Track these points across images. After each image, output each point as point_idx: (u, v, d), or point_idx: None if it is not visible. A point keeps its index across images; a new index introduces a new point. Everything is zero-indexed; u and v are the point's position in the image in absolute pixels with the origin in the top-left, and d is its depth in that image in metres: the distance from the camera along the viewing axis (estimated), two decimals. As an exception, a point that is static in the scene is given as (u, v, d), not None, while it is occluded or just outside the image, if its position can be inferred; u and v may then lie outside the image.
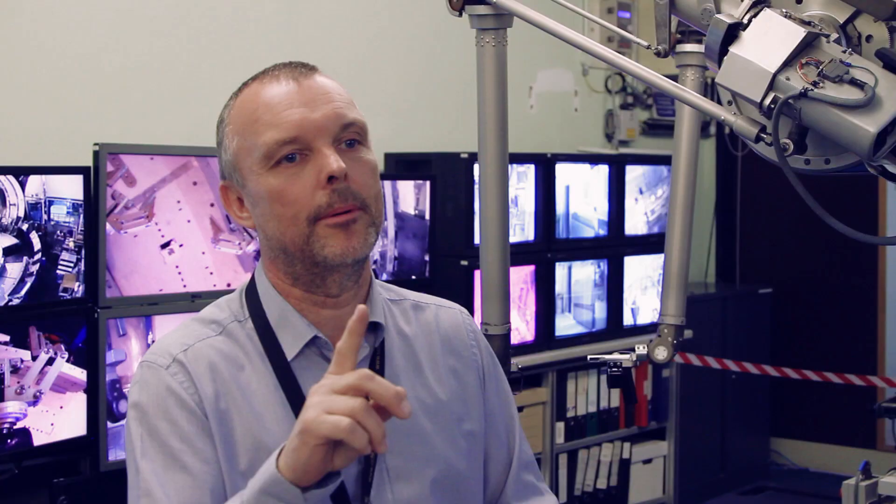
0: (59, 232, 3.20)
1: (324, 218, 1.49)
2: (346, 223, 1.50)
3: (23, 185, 3.11)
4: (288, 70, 1.55)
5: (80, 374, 3.25)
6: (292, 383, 1.51)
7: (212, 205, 3.55)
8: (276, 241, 1.52)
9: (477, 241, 2.31)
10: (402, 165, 4.60)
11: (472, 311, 4.50)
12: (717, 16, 1.53)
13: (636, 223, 5.27)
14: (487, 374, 1.72)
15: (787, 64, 1.45)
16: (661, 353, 2.51)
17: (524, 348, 4.60)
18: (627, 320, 5.19)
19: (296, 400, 1.49)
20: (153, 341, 3.39)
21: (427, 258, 4.31)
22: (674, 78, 1.87)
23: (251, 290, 1.59)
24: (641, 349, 2.53)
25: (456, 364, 1.68)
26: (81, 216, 3.26)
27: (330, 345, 1.53)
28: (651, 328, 5.10)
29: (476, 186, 4.34)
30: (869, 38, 1.53)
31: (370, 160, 1.55)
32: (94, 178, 3.29)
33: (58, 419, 3.20)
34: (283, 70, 1.56)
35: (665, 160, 5.30)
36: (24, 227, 3.12)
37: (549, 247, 4.81)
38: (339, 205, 1.49)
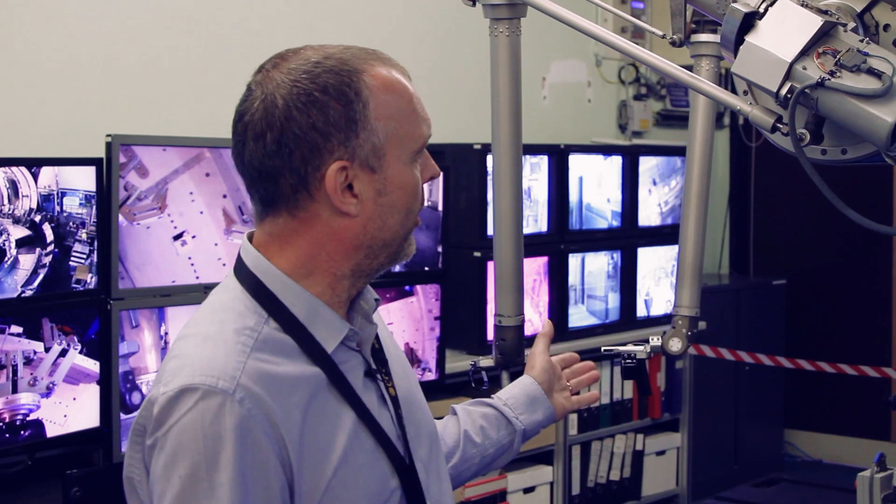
0: (71, 223, 3.20)
1: None
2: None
3: (35, 177, 3.11)
4: (395, 63, 1.53)
5: (93, 366, 3.25)
6: (338, 376, 1.47)
7: (224, 196, 3.54)
8: (390, 231, 1.49)
9: (490, 232, 2.30)
10: (415, 156, 4.59)
11: (485, 303, 4.49)
12: (734, 5, 1.51)
13: (649, 214, 5.26)
14: None
15: (804, 53, 1.44)
16: (675, 345, 2.49)
17: (537, 340, 4.59)
18: (641, 312, 5.18)
19: (346, 390, 1.47)
20: (166, 332, 3.39)
21: (440, 249, 4.30)
22: (688, 68, 1.85)
23: (259, 289, 1.48)
24: (656, 341, 2.51)
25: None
26: (94, 207, 3.25)
27: (358, 334, 1.52)
28: (664, 319, 5.08)
29: (489, 177, 4.33)
30: (887, 27, 1.52)
31: None
32: (106, 169, 3.28)
33: (71, 411, 3.21)
34: (390, 61, 1.52)
35: (678, 151, 5.28)
36: (37, 218, 3.12)
37: (563, 238, 4.79)
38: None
